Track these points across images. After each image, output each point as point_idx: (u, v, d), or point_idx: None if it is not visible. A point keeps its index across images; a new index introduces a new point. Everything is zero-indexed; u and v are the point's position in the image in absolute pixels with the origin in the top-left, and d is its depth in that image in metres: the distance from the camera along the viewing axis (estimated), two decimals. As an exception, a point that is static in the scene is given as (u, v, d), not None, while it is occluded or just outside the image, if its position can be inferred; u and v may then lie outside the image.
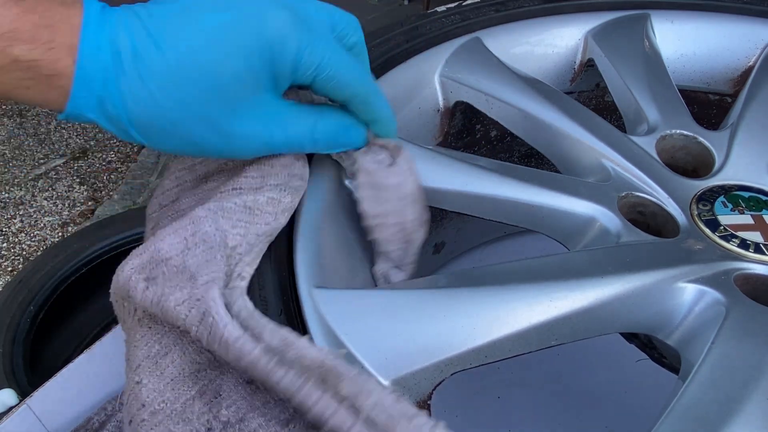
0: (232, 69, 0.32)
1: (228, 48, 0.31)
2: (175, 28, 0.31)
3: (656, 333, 0.37)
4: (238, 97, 0.32)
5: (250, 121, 0.34)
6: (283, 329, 0.28)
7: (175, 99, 0.31)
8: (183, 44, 0.31)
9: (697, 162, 0.50)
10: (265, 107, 0.34)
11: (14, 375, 0.89)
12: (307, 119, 0.36)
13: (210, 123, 0.32)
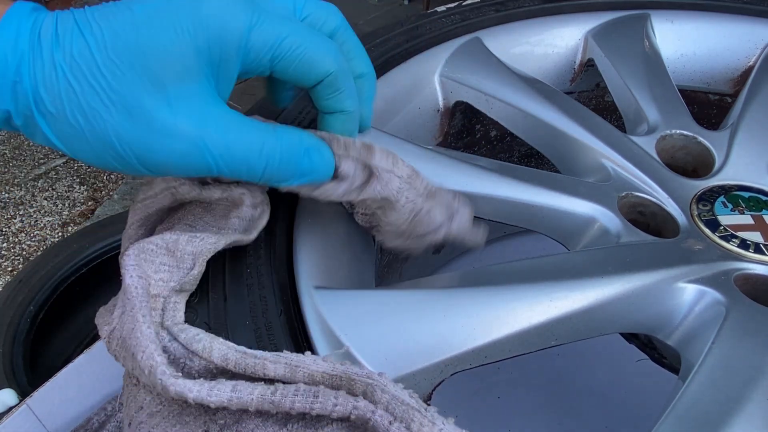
0: (157, 48, 0.27)
1: (156, 27, 0.28)
2: (104, 15, 0.28)
3: (656, 333, 0.37)
4: (165, 82, 0.28)
5: (179, 114, 0.28)
6: (284, 355, 0.28)
7: (88, 83, 0.27)
8: (107, 28, 0.27)
9: (697, 162, 0.50)
10: (200, 100, 0.29)
11: (14, 375, 0.89)
12: (257, 131, 0.30)
13: (129, 111, 0.28)
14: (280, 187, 0.33)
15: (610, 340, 0.41)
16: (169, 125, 0.28)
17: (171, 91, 0.28)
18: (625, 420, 0.64)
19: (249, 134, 0.30)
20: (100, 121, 0.28)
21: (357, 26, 2.90)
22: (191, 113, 0.28)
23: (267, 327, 0.32)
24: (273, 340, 0.31)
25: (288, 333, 0.32)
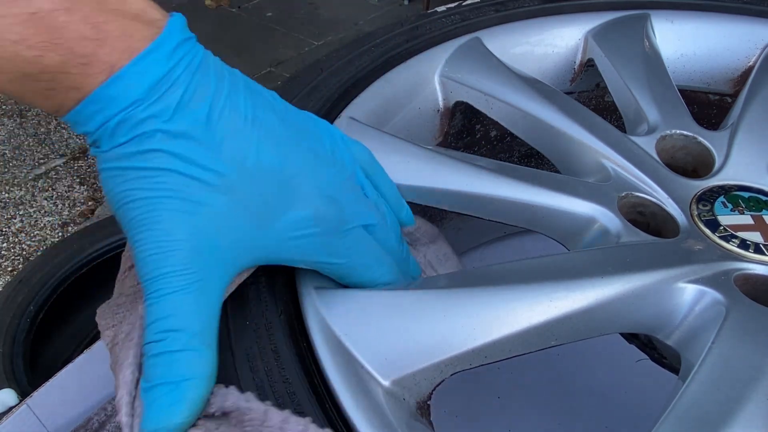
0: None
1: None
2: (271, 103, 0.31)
3: (656, 333, 0.37)
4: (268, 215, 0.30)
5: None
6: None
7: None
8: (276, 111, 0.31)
9: (697, 162, 0.50)
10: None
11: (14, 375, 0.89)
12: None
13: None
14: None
15: (610, 340, 0.41)
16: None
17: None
18: (625, 420, 0.64)
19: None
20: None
21: (357, 26, 2.91)
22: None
23: (267, 327, 0.32)
24: (273, 340, 0.31)
25: (288, 333, 0.32)
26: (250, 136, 0.28)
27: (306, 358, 0.31)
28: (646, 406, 0.64)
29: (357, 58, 0.54)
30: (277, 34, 2.89)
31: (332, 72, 0.53)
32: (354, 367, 0.31)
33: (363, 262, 0.34)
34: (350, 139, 0.36)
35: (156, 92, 0.26)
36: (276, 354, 0.31)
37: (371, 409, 0.29)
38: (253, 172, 0.28)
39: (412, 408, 0.32)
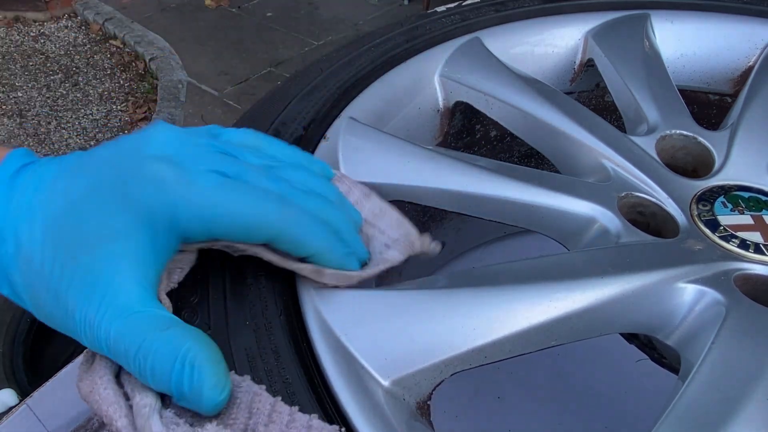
0: (87, 237, 0.28)
1: (87, 210, 0.28)
2: (44, 200, 0.29)
3: (656, 333, 0.37)
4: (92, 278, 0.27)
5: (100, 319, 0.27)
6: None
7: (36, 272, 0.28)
8: (46, 215, 0.29)
9: (697, 162, 0.50)
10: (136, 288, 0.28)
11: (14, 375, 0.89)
12: (139, 333, 0.27)
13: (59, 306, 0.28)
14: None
15: (610, 340, 0.41)
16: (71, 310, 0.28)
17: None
18: (625, 420, 0.64)
19: (130, 335, 0.27)
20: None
21: (357, 26, 2.91)
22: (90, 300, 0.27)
23: (267, 327, 0.32)
24: (273, 340, 0.31)
25: (288, 333, 0.32)
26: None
27: (306, 358, 0.31)
28: (646, 405, 0.64)
29: (357, 58, 0.55)
30: (277, 34, 2.89)
31: (332, 72, 0.53)
32: (354, 367, 0.31)
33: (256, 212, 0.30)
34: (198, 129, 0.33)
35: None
36: (276, 354, 0.31)
37: (371, 409, 0.29)
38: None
39: (412, 408, 0.32)
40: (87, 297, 0.27)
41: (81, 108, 2.43)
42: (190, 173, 0.29)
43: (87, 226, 0.28)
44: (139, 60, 2.70)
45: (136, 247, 0.28)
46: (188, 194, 0.29)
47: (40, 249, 0.28)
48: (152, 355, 0.26)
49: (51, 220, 0.28)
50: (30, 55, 2.76)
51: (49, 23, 3.02)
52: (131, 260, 0.28)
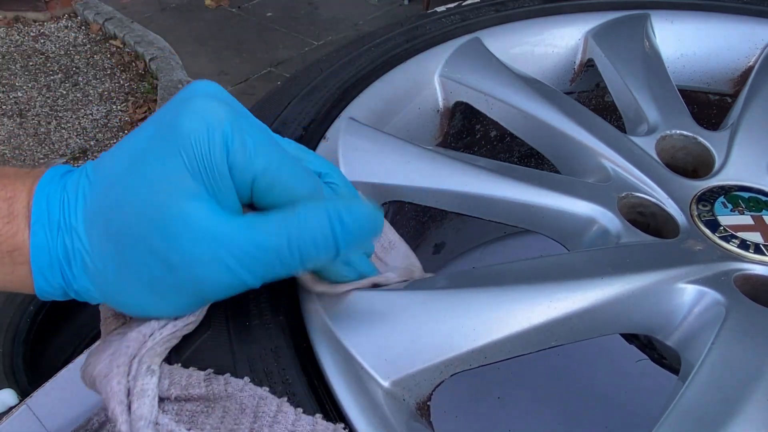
0: (150, 182, 0.27)
1: (145, 161, 0.27)
2: (106, 164, 0.28)
3: (656, 334, 0.37)
4: (168, 216, 0.26)
5: (192, 244, 0.27)
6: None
7: (106, 239, 0.27)
8: (107, 177, 0.28)
9: (697, 162, 0.50)
10: (204, 222, 0.27)
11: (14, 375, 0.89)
12: (276, 225, 0.27)
13: (153, 254, 0.27)
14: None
15: (610, 341, 0.41)
16: (186, 259, 0.27)
17: (176, 223, 0.26)
18: (625, 420, 0.64)
19: (268, 234, 0.27)
20: (131, 270, 0.28)
21: (357, 26, 2.91)
22: (202, 239, 0.27)
23: (267, 328, 0.32)
24: (273, 340, 0.31)
25: (288, 333, 0.32)
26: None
27: (306, 359, 0.31)
28: (646, 406, 0.64)
29: (357, 58, 0.55)
30: (277, 34, 2.89)
31: (332, 72, 0.53)
32: (354, 368, 0.31)
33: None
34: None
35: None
36: (276, 354, 0.31)
37: (371, 410, 0.29)
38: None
39: (412, 408, 0.32)
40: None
41: (81, 108, 2.43)
42: (251, 120, 0.29)
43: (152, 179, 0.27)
44: (139, 60, 2.70)
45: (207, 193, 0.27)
46: (251, 131, 0.28)
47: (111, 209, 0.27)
48: (309, 235, 0.27)
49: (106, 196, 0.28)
50: (30, 55, 2.76)
51: (49, 23, 3.02)
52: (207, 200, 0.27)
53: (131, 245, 0.27)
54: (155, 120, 0.29)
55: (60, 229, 0.28)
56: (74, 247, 0.28)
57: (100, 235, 0.27)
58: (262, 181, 0.28)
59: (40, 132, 2.29)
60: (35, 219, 0.27)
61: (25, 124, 2.33)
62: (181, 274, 0.27)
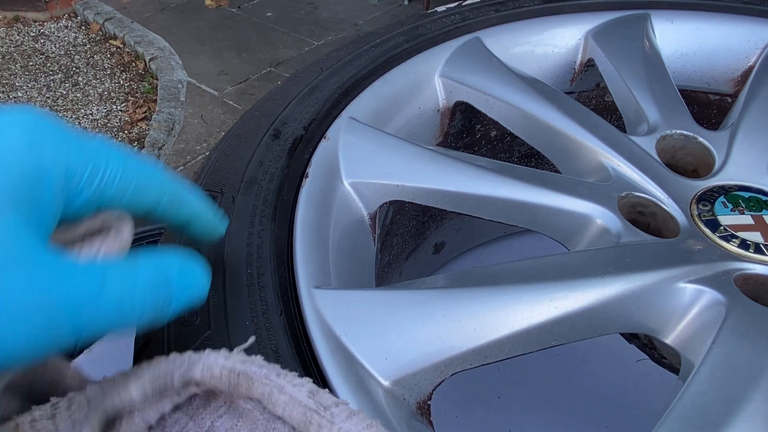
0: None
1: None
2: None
3: (656, 333, 0.37)
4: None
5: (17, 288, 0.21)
6: (185, 355, 0.26)
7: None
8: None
9: (697, 162, 0.50)
10: (38, 256, 0.22)
11: (14, 375, 0.89)
12: (90, 269, 0.23)
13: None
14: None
15: (610, 340, 0.41)
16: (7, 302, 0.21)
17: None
18: (625, 420, 0.64)
19: (85, 274, 0.23)
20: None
21: (357, 26, 2.91)
22: (29, 277, 0.21)
23: (267, 327, 0.32)
24: (273, 340, 0.31)
25: (288, 333, 0.32)
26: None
27: (306, 358, 0.31)
28: (646, 406, 0.64)
29: (357, 58, 0.55)
30: (277, 34, 2.89)
31: (332, 72, 0.53)
32: (354, 367, 0.31)
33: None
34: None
35: None
36: (276, 354, 0.31)
37: (371, 409, 0.29)
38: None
39: (412, 408, 0.32)
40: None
41: (81, 108, 2.43)
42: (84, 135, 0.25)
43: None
44: (139, 60, 2.70)
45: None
46: (89, 146, 0.25)
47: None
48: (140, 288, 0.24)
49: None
50: (30, 55, 2.76)
51: (49, 23, 3.02)
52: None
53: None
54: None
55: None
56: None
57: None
58: (114, 189, 0.25)
59: (40, 132, 2.29)
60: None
61: (25, 124, 2.33)
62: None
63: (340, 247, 0.40)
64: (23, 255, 0.21)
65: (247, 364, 0.26)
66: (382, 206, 0.44)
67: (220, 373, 0.26)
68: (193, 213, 0.30)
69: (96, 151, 0.25)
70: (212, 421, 0.27)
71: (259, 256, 0.36)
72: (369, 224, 0.44)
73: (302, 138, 0.45)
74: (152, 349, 0.31)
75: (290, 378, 0.26)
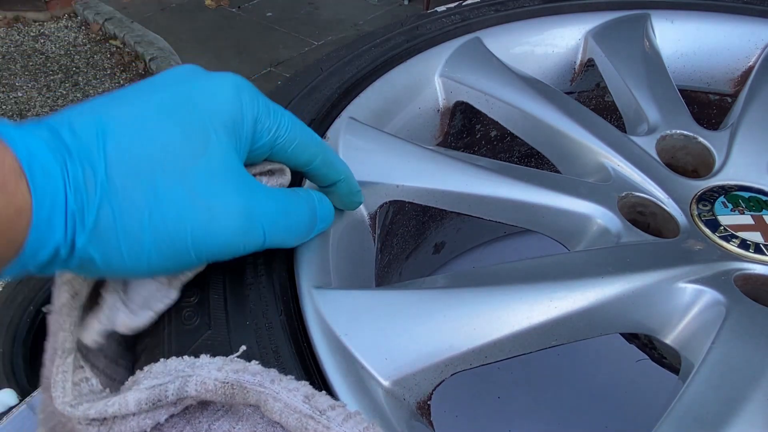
0: (190, 132, 0.28)
1: (180, 116, 0.28)
2: (120, 116, 0.28)
3: (656, 333, 0.37)
4: (208, 160, 0.28)
5: (230, 192, 0.29)
6: (176, 363, 0.27)
7: (135, 183, 0.27)
8: (133, 127, 0.27)
9: (697, 162, 0.50)
10: (243, 175, 0.30)
11: (14, 375, 0.89)
12: (302, 193, 0.34)
13: (185, 194, 0.28)
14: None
15: (610, 340, 0.41)
16: (225, 204, 0.29)
17: (216, 167, 0.29)
18: (625, 420, 0.64)
19: (301, 194, 0.33)
20: (151, 216, 0.27)
21: (357, 26, 2.91)
22: (242, 188, 0.29)
23: (267, 327, 0.32)
24: (273, 340, 0.31)
25: (288, 333, 0.32)
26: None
27: (306, 358, 0.31)
28: (646, 406, 0.64)
29: (357, 58, 0.55)
30: (277, 34, 2.89)
31: (332, 72, 0.53)
32: (354, 367, 0.31)
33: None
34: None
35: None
36: (276, 354, 0.31)
37: (371, 409, 0.29)
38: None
39: (412, 408, 0.32)
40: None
41: (81, 108, 2.43)
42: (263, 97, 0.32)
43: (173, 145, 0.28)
44: (139, 60, 2.70)
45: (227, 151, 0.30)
46: (268, 105, 0.32)
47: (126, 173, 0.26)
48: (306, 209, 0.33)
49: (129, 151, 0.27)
50: (30, 55, 2.76)
51: (49, 23, 3.02)
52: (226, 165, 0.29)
53: (164, 187, 0.27)
54: (165, 88, 0.30)
55: (74, 176, 0.26)
56: (88, 198, 0.26)
57: (127, 180, 0.26)
58: (284, 141, 0.32)
59: (40, 132, 2.29)
60: (34, 172, 0.25)
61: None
62: (200, 217, 0.28)
63: (340, 247, 0.40)
64: (234, 169, 0.29)
65: (240, 374, 0.26)
66: (382, 206, 0.44)
67: (214, 386, 0.26)
68: (340, 176, 0.36)
69: (275, 110, 0.32)
70: (209, 424, 0.27)
71: (260, 255, 0.36)
72: (369, 224, 0.44)
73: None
74: (153, 349, 0.31)
75: (285, 383, 0.26)
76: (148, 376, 0.27)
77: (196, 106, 0.29)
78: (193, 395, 0.26)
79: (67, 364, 0.30)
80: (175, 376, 0.27)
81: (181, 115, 0.29)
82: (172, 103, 0.29)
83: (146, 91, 0.29)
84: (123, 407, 0.26)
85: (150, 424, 0.26)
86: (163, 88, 0.30)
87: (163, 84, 0.30)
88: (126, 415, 0.26)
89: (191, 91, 0.30)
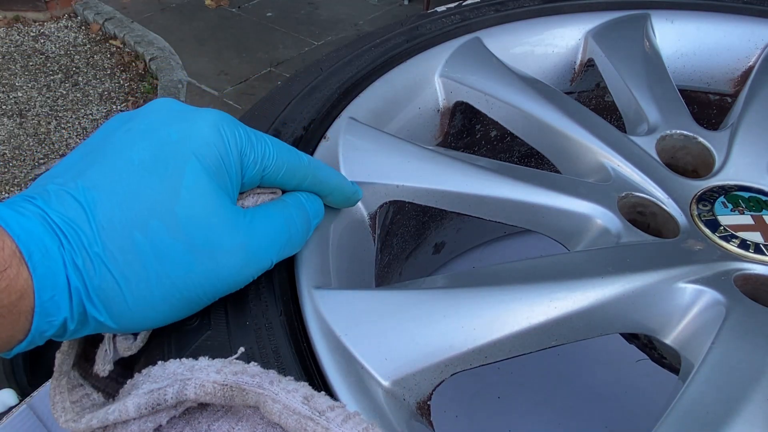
0: (174, 184, 0.28)
1: (163, 168, 0.28)
2: (102, 180, 0.28)
3: (656, 333, 0.37)
4: (198, 209, 0.28)
5: (228, 227, 0.29)
6: (175, 366, 0.28)
7: (130, 247, 0.27)
8: (117, 190, 0.27)
9: (697, 162, 0.50)
10: (236, 212, 0.30)
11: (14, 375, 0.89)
12: (289, 199, 0.34)
13: (190, 248, 0.28)
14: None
15: (610, 340, 0.41)
16: (226, 245, 0.29)
17: (220, 210, 0.29)
18: (625, 420, 0.64)
19: (279, 214, 0.33)
20: (161, 271, 0.28)
21: (357, 26, 2.91)
22: (237, 229, 0.30)
23: (267, 327, 0.32)
24: (273, 340, 0.31)
25: (288, 333, 0.32)
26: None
27: (306, 358, 0.31)
28: (646, 406, 0.64)
29: (357, 58, 0.55)
30: (277, 34, 2.89)
31: (332, 72, 0.53)
32: (354, 368, 0.31)
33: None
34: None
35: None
36: (276, 354, 0.31)
37: (371, 410, 0.29)
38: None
39: (412, 408, 0.32)
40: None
41: (81, 108, 2.43)
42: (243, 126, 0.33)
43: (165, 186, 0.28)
44: (139, 60, 2.70)
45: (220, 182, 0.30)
46: (249, 136, 0.32)
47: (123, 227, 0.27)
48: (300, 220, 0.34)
49: (122, 205, 0.27)
50: (30, 55, 2.76)
51: (49, 23, 3.02)
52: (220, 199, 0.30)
53: (163, 245, 0.28)
54: (144, 138, 0.29)
55: (70, 253, 0.26)
56: (89, 272, 0.26)
57: (123, 246, 0.27)
58: (273, 170, 0.33)
59: (40, 132, 2.29)
60: (32, 254, 0.25)
61: (25, 124, 2.33)
62: (205, 265, 0.29)
63: (340, 247, 0.40)
64: (227, 208, 0.30)
65: (239, 376, 0.26)
66: (382, 206, 0.44)
67: (213, 389, 0.26)
68: (332, 189, 0.37)
69: (258, 140, 0.32)
70: (209, 424, 0.27)
71: (259, 256, 0.36)
72: (369, 224, 0.44)
73: (302, 138, 0.45)
74: (153, 350, 0.31)
75: (284, 384, 0.26)
76: (147, 380, 0.27)
77: (178, 155, 0.29)
78: (193, 398, 0.26)
79: (62, 385, 0.31)
80: (174, 379, 0.27)
81: (164, 168, 0.28)
82: (153, 158, 0.28)
83: (125, 146, 0.29)
84: (123, 413, 0.26)
85: (151, 427, 0.27)
86: (141, 138, 0.29)
87: (140, 134, 0.29)
88: (127, 420, 0.27)
89: (169, 138, 0.29)
